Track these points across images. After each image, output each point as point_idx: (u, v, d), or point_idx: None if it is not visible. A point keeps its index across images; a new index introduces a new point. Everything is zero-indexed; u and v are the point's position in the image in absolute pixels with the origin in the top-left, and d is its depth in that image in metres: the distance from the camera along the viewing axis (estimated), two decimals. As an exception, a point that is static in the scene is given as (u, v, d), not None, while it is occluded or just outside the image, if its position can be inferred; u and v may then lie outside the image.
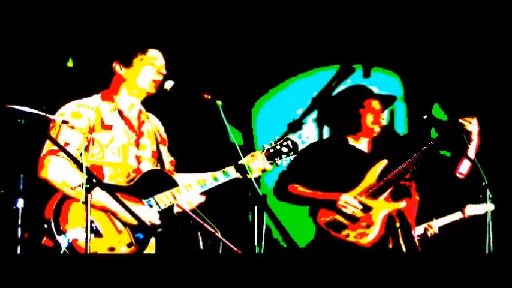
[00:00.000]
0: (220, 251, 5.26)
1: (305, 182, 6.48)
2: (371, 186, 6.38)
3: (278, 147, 5.72)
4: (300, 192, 6.49)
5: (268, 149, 5.72)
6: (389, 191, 6.40)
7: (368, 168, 6.45)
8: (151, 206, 5.33)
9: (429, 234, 7.21)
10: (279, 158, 5.72)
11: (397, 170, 6.37)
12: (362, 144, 6.59)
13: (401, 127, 7.94)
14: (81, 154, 5.24)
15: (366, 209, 6.33)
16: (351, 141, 6.58)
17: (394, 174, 6.37)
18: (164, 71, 5.53)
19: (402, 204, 6.43)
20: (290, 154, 5.73)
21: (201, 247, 5.54)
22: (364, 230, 6.29)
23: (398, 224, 6.40)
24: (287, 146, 5.73)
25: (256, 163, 5.65)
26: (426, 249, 6.90)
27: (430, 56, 7.75)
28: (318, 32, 7.72)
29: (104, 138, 5.41)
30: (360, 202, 6.33)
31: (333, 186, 6.39)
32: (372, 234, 6.28)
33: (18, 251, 4.87)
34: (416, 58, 7.78)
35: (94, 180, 4.58)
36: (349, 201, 6.32)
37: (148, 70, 5.51)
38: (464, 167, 6.54)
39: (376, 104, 6.53)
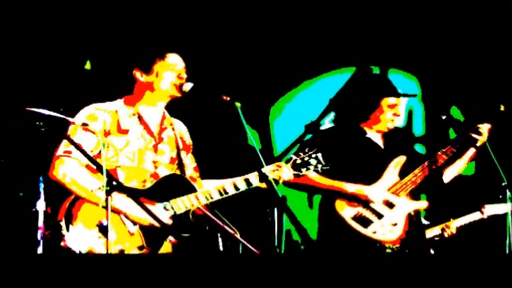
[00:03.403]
0: (240, 253, 5.26)
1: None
2: (400, 183, 6.36)
3: (306, 158, 5.64)
4: (316, 183, 6.34)
5: (295, 160, 5.64)
6: (410, 188, 6.39)
7: (384, 162, 6.43)
8: (166, 209, 5.34)
9: (446, 235, 7.19)
10: (305, 169, 5.66)
11: (427, 169, 6.37)
12: (377, 138, 6.55)
13: (419, 128, 7.94)
14: (99, 153, 5.27)
15: (391, 205, 6.31)
16: (369, 133, 6.53)
17: (426, 173, 6.37)
18: (185, 75, 5.53)
19: (424, 204, 6.43)
20: (319, 166, 5.66)
21: (221, 249, 5.54)
22: (391, 227, 6.27)
23: (416, 223, 6.40)
24: (316, 158, 5.64)
25: (280, 174, 5.58)
26: (440, 249, 6.91)
27: (447, 57, 7.74)
28: (336, 34, 7.72)
29: (119, 142, 5.42)
30: (388, 198, 6.32)
31: (347, 176, 6.33)
32: (396, 232, 6.26)
33: (39, 252, 4.88)
34: (434, 59, 7.77)
35: (114, 183, 4.61)
36: (382, 196, 6.30)
37: (168, 75, 5.52)
38: (449, 175, 6.57)
39: (397, 101, 6.46)
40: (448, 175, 6.59)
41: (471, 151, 6.50)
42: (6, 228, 6.25)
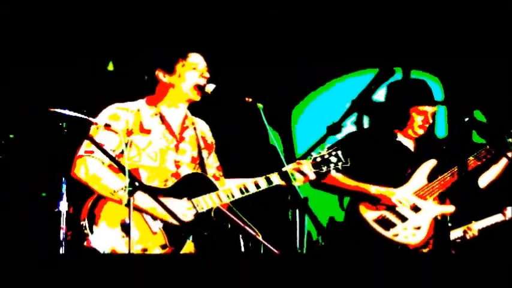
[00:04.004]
0: (261, 253, 5.26)
1: (346, 172, 6.33)
2: (428, 187, 6.35)
3: (326, 156, 5.65)
4: (342, 184, 6.38)
5: (315, 158, 5.66)
6: (438, 192, 6.37)
7: (414, 166, 6.41)
8: (188, 208, 5.35)
9: (468, 237, 7.15)
10: (326, 166, 5.66)
11: (457, 174, 6.34)
12: (408, 142, 6.54)
13: (442, 130, 7.90)
14: (121, 152, 5.30)
15: (416, 209, 6.30)
16: (399, 137, 6.53)
17: (454, 178, 6.35)
18: (207, 74, 5.56)
19: (451, 208, 6.39)
20: (339, 164, 5.66)
21: (242, 250, 5.54)
22: (414, 231, 6.25)
23: (442, 227, 6.37)
24: (336, 155, 5.67)
25: (301, 172, 5.61)
26: (461, 252, 6.88)
27: (470, 59, 7.70)
28: (359, 35, 7.70)
29: (142, 141, 5.44)
30: (414, 201, 6.30)
31: (375, 179, 6.34)
32: (419, 236, 6.25)
33: (61, 252, 4.90)
34: (457, 60, 7.74)
35: (136, 184, 4.62)
36: (408, 199, 6.28)
37: (191, 75, 5.54)
38: (485, 179, 6.54)
39: (430, 109, 6.45)
40: (484, 180, 6.56)
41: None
42: (29, 229, 6.27)
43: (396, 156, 6.44)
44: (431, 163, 6.42)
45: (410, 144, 6.53)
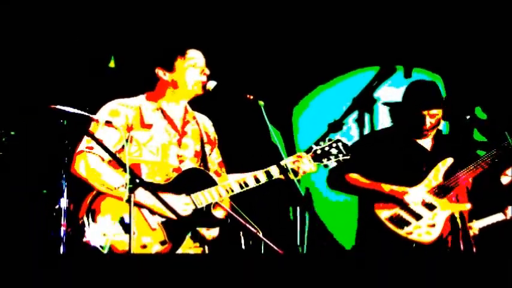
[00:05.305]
0: (262, 251, 5.25)
1: (362, 172, 6.41)
2: (440, 185, 6.34)
3: (327, 148, 5.65)
4: (359, 183, 6.41)
5: (315, 150, 5.65)
6: (454, 190, 6.37)
7: (430, 165, 6.41)
8: (187, 204, 5.34)
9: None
10: (326, 159, 5.66)
11: (471, 172, 6.34)
12: (424, 141, 6.55)
13: (443, 127, 7.89)
14: (121, 148, 5.30)
15: (431, 207, 6.30)
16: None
17: (467, 175, 6.34)
18: (207, 71, 5.55)
19: (467, 206, 6.39)
20: (340, 156, 5.66)
21: (243, 247, 5.53)
22: (428, 229, 6.25)
23: (460, 225, 6.36)
24: (337, 147, 5.67)
25: (301, 165, 5.59)
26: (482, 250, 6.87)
27: (471, 56, 7.69)
28: (360, 33, 7.70)
29: (143, 136, 5.43)
30: (428, 199, 6.30)
31: (392, 179, 6.34)
32: (434, 234, 6.25)
33: (61, 250, 4.89)
34: (458, 58, 7.73)
35: (137, 180, 4.61)
36: (421, 198, 6.28)
37: (192, 72, 5.53)
38: (507, 178, 6.53)
39: (426, 111, 6.43)
40: (507, 178, 6.56)
41: None
42: (30, 227, 6.28)
43: (412, 155, 6.45)
44: (447, 161, 6.42)
45: (426, 143, 6.54)
